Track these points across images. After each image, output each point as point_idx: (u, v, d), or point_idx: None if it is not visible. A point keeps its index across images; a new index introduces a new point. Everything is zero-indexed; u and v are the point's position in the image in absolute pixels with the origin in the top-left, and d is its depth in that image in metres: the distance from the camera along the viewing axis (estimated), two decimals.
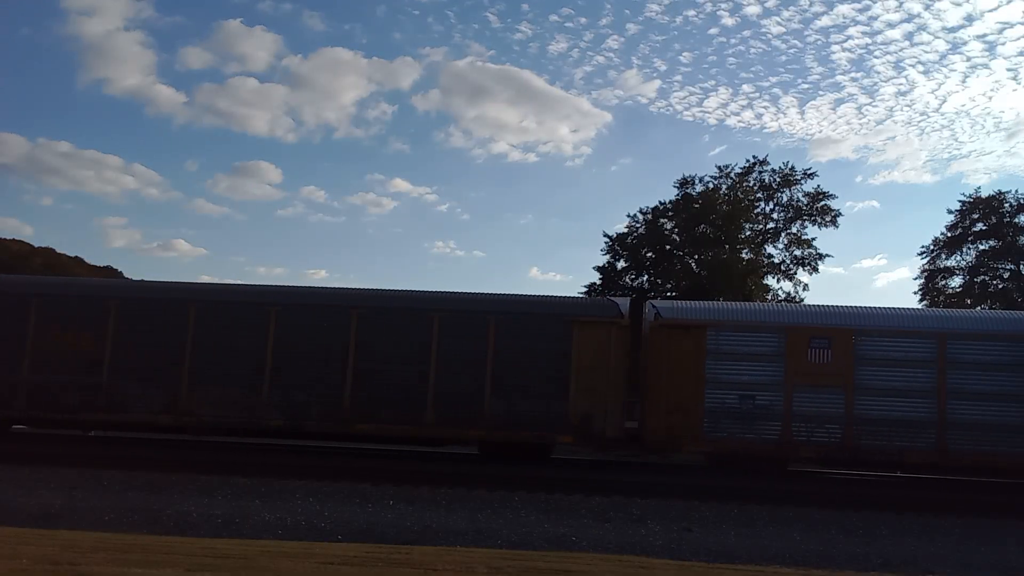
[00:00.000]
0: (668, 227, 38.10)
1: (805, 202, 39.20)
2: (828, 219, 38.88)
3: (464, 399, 17.98)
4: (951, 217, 40.84)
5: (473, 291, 19.51)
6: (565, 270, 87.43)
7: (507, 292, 19.45)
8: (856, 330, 17.63)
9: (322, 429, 18.29)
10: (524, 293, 19.54)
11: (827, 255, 39.22)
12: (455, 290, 19.49)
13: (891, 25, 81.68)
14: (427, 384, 18.03)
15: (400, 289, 19.73)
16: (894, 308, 18.92)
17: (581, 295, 35.40)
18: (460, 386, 18.03)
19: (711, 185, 38.58)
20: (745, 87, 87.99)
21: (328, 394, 18.19)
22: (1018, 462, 16.85)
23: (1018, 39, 79.25)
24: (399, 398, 18.07)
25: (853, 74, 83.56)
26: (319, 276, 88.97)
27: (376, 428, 18.09)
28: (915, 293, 42.96)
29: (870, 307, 18.62)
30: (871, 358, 17.47)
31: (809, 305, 18.65)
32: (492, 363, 18.00)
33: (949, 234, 40.90)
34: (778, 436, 17.40)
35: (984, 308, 39.58)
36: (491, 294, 19.35)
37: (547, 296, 19.33)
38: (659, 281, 37.24)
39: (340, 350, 18.26)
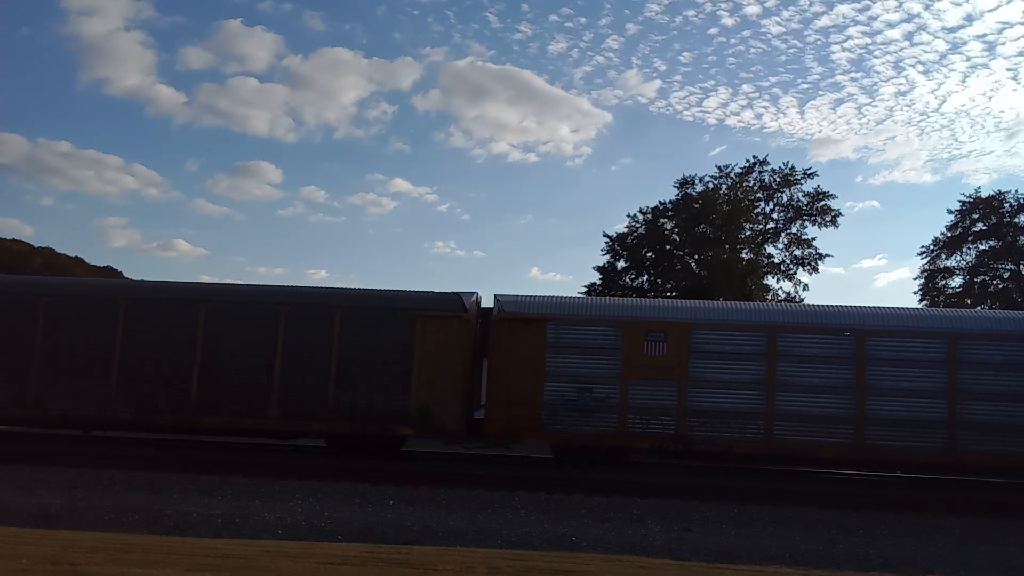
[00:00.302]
0: (668, 227, 38.07)
1: (805, 202, 39.16)
2: (828, 219, 38.84)
3: (309, 393, 18.06)
4: (951, 217, 40.82)
5: (319, 286, 19.79)
6: (565, 270, 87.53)
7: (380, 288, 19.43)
8: (691, 324, 17.94)
9: (170, 422, 18.32)
10: (371, 288, 19.63)
11: (827, 255, 39.19)
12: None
13: (891, 25, 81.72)
14: (273, 378, 18.10)
15: (249, 284, 19.89)
16: (727, 303, 19.22)
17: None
18: (305, 380, 18.11)
19: (711, 185, 38.56)
20: (745, 87, 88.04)
21: (176, 387, 18.21)
22: (841, 452, 17.26)
23: (1018, 39, 79.28)
24: (245, 392, 18.10)
25: (853, 74, 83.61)
26: (319, 276, 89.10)
27: (223, 421, 18.15)
28: (915, 293, 42.94)
29: (707, 302, 18.82)
30: (705, 351, 17.79)
31: (647, 299, 18.82)
32: (337, 357, 18.12)
33: (949, 234, 40.87)
34: (614, 428, 17.72)
35: (984, 308, 39.59)
36: (337, 288, 19.60)
37: (392, 290, 19.43)
38: (659, 281, 37.22)
39: (188, 344, 18.30)
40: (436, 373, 17.90)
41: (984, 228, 40.02)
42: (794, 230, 39.39)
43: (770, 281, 39.41)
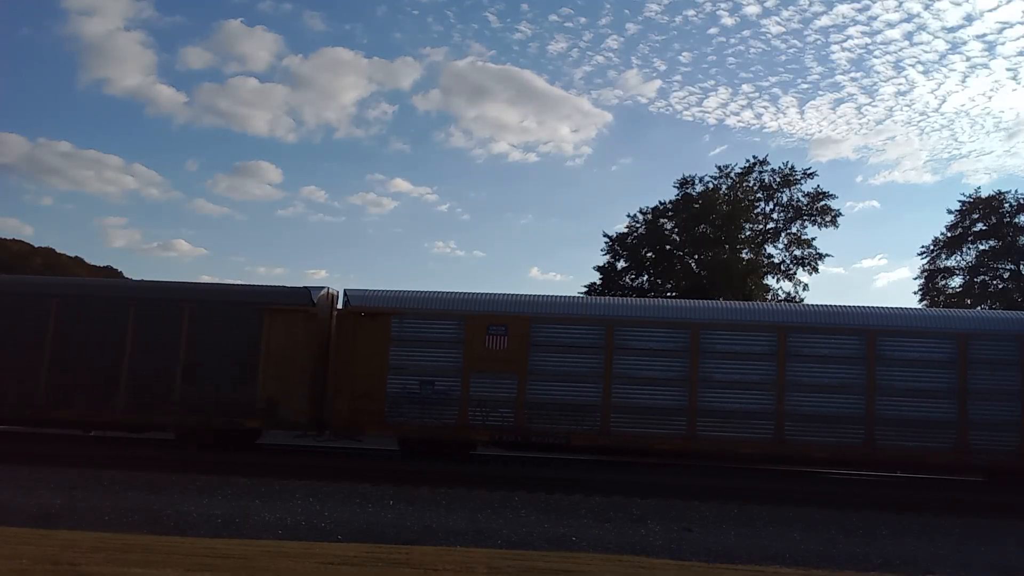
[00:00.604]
0: (668, 227, 38.08)
1: (805, 202, 39.18)
2: (828, 219, 38.86)
3: (157, 386, 18.29)
4: (951, 217, 40.85)
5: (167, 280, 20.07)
6: (565, 270, 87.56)
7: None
8: (532, 317, 18.23)
9: (18, 415, 18.50)
10: (219, 283, 20.15)
11: (827, 255, 39.22)
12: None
13: (891, 25, 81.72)
14: (120, 371, 18.28)
15: (100, 279, 20.09)
16: (565, 297, 19.65)
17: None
18: (153, 373, 18.32)
19: (711, 185, 38.57)
20: (745, 87, 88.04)
21: (26, 381, 18.36)
22: (676, 443, 17.74)
23: (1018, 39, 79.27)
24: (94, 385, 18.28)
25: (853, 74, 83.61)
26: (319, 276, 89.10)
27: (71, 414, 18.32)
28: (915, 293, 42.95)
29: (547, 296, 19.24)
30: (545, 344, 18.09)
31: (490, 294, 19.21)
32: (185, 350, 18.35)
33: (949, 234, 40.88)
34: (455, 420, 18.02)
35: (984, 308, 39.57)
36: (186, 283, 19.91)
37: (241, 284, 19.69)
38: (659, 281, 37.24)
39: (38, 338, 18.45)
40: (283, 366, 18.15)
41: (984, 228, 40.03)
42: (794, 230, 39.43)
43: (770, 281, 39.44)
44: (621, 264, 38.00)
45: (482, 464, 17.67)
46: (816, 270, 38.86)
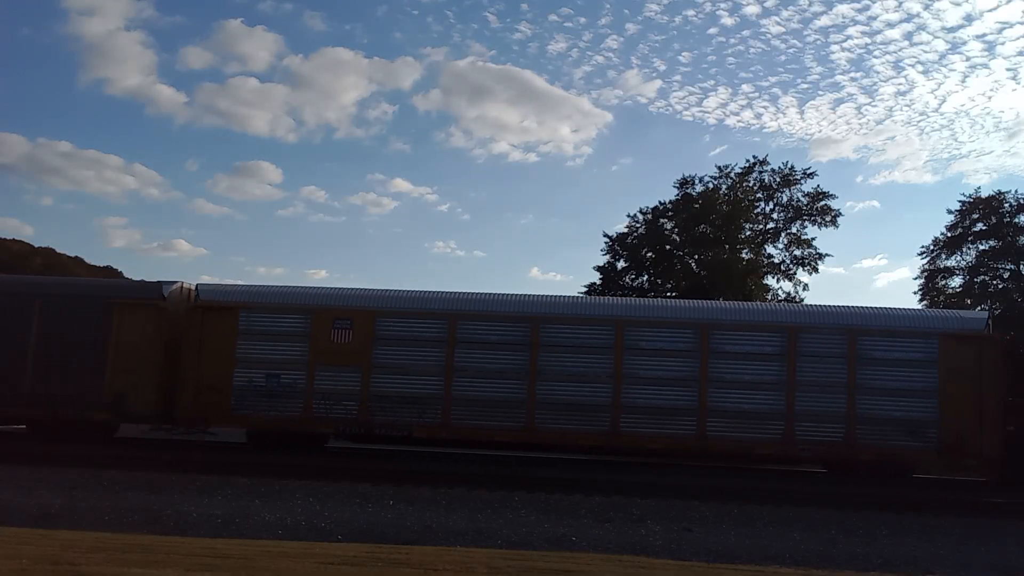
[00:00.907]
0: (668, 227, 38.03)
1: (805, 202, 39.14)
2: (828, 219, 38.81)
3: (8, 379, 18.52)
4: (951, 217, 40.76)
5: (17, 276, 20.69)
6: (565, 270, 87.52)
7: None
8: (376, 312, 18.53)
9: None
10: (73, 278, 20.64)
11: (827, 255, 39.17)
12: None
13: (890, 25, 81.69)
14: None
15: None
16: (409, 292, 19.85)
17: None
18: (7, 366, 18.53)
19: (711, 185, 38.52)
20: (744, 87, 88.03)
21: None
22: (515, 435, 18.09)
23: (1017, 39, 79.24)
24: None
25: (852, 74, 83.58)
26: (319, 276, 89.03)
27: None
28: (915, 293, 42.91)
29: (392, 291, 19.55)
30: (389, 338, 18.42)
31: (337, 288, 19.75)
32: (36, 344, 18.60)
33: (949, 234, 40.82)
34: (300, 412, 18.30)
35: (984, 308, 39.54)
36: (38, 277, 20.39)
37: (92, 279, 19.91)
38: (659, 281, 37.19)
39: None
40: (132, 360, 18.40)
41: (984, 228, 39.97)
42: (794, 230, 39.36)
43: (770, 281, 39.41)
44: (621, 264, 37.96)
45: (482, 464, 17.68)
46: (816, 270, 38.84)
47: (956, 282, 41.11)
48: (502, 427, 18.04)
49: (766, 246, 39.64)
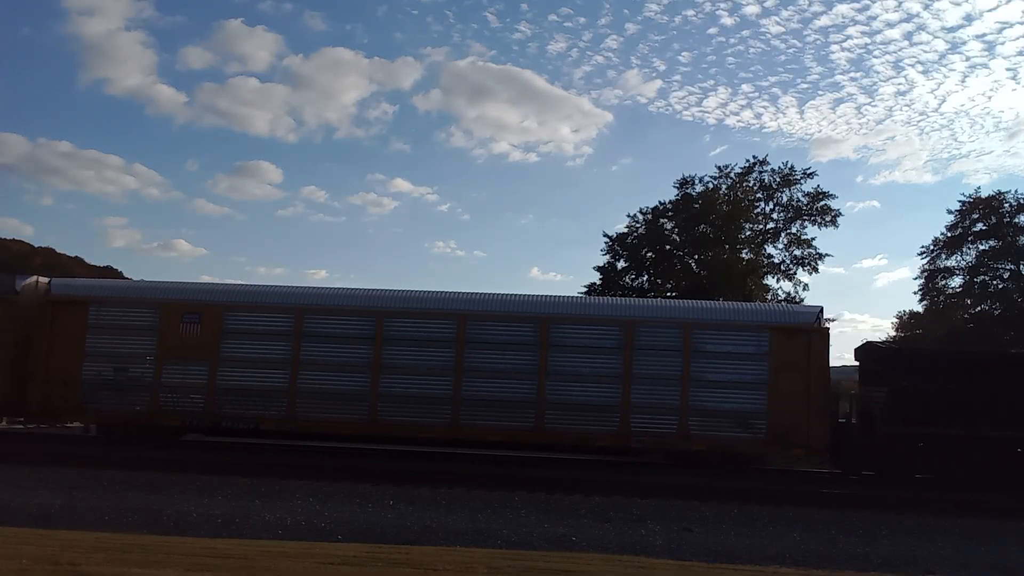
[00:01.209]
0: (668, 227, 38.04)
1: (805, 202, 39.14)
2: (828, 219, 38.80)
3: None
4: (951, 217, 40.83)
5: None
6: (565, 270, 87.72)
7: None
8: (226, 306, 18.87)
9: None
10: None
11: (827, 255, 39.16)
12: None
13: (890, 25, 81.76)
14: None
15: None
16: (257, 286, 20.27)
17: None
18: None
19: (711, 185, 38.52)
20: (744, 87, 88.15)
21: None
22: (356, 427, 18.40)
23: (1017, 39, 79.31)
24: None
25: (852, 74, 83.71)
26: (319, 276, 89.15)
27: None
28: (915, 293, 42.95)
29: (240, 284, 20.25)
30: (237, 332, 18.70)
31: (187, 283, 20.22)
32: None
33: (949, 234, 40.86)
34: (148, 406, 18.55)
35: (983, 308, 39.58)
36: None
37: None
38: (659, 281, 37.20)
39: None
40: None
41: (984, 228, 40.00)
42: (794, 230, 39.35)
43: (770, 281, 39.42)
44: (621, 264, 37.96)
45: (482, 464, 17.69)
46: (816, 270, 38.82)
47: (956, 282, 41.19)
48: (347, 420, 18.36)
49: (766, 246, 39.64)
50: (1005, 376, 17.41)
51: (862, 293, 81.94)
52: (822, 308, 19.21)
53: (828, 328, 18.62)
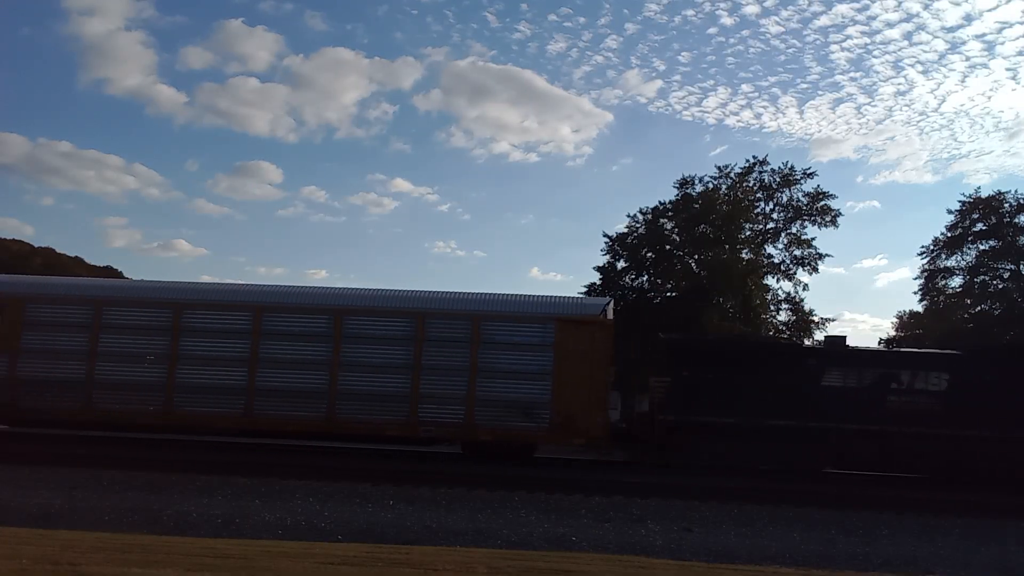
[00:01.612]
0: (668, 227, 38.01)
1: (805, 202, 39.13)
2: (828, 219, 38.79)
3: None
4: (951, 217, 40.80)
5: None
6: (565, 270, 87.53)
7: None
8: (27, 298, 19.16)
9: None
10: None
11: (827, 255, 39.15)
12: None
13: (890, 25, 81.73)
14: None
15: None
16: (60, 279, 20.58)
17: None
18: None
19: (711, 185, 38.50)
20: (744, 87, 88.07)
21: None
22: (148, 415, 18.65)
23: (1017, 39, 79.28)
24: None
25: (852, 74, 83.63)
26: (319, 276, 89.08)
27: None
28: (915, 293, 42.92)
29: (46, 279, 20.55)
30: (38, 324, 18.99)
31: None
32: None
33: (949, 234, 40.83)
34: None
35: (983, 308, 39.56)
36: None
37: None
38: (659, 281, 37.18)
39: None
40: None
41: (984, 228, 39.98)
42: (794, 230, 39.35)
43: (770, 281, 39.40)
44: (621, 264, 37.93)
45: (482, 464, 17.69)
46: (816, 270, 38.81)
47: (956, 282, 41.16)
48: (139, 410, 18.59)
49: (766, 246, 39.63)
50: (774, 365, 17.93)
51: (862, 293, 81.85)
52: (610, 301, 19.70)
53: (612, 320, 18.89)
